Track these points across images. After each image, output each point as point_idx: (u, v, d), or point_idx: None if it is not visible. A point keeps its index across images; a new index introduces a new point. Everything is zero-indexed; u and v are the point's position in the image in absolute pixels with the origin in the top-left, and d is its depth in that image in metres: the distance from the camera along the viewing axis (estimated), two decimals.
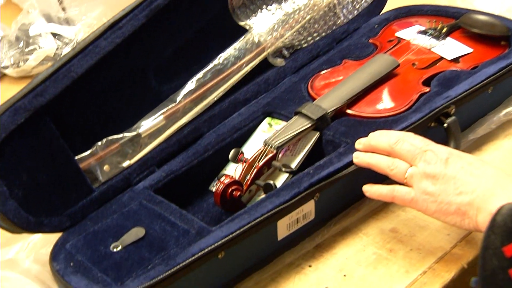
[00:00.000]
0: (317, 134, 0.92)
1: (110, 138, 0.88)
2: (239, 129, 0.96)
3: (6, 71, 1.38)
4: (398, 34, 1.12)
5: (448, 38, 1.08)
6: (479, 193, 0.70)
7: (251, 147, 0.96)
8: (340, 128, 0.92)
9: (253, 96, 1.02)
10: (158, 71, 0.94)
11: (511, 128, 1.00)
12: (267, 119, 0.99)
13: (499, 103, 1.02)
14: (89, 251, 0.75)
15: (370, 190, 0.81)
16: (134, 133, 0.89)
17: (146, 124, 0.91)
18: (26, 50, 1.37)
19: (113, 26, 0.87)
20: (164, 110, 0.93)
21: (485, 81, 0.96)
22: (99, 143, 0.87)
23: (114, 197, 0.85)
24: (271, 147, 0.88)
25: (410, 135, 0.80)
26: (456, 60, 1.03)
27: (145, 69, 0.93)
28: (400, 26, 1.15)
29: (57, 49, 1.38)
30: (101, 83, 0.88)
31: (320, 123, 0.92)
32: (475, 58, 1.04)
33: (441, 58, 1.04)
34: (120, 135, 0.89)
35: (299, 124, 0.91)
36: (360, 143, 0.84)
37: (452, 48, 1.06)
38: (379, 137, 0.81)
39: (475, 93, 0.95)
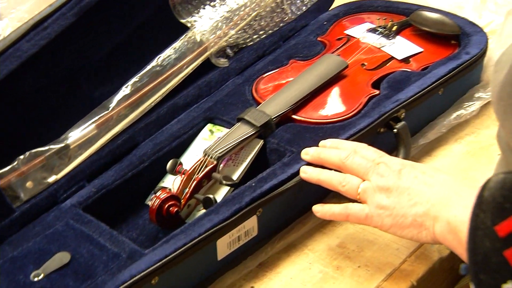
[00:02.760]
0: (261, 142, 0.87)
1: (34, 151, 0.80)
2: (178, 137, 0.90)
3: None
4: (347, 32, 1.07)
5: (398, 37, 1.04)
6: (434, 202, 0.67)
7: (191, 157, 0.89)
8: (285, 136, 0.87)
9: (194, 101, 0.95)
10: (89, 75, 0.87)
11: (461, 131, 0.96)
12: (209, 126, 0.93)
13: (450, 105, 0.98)
14: (6, 281, 0.68)
15: (322, 210, 0.76)
16: (62, 144, 0.82)
17: (75, 134, 0.84)
18: None
19: (37, 26, 0.80)
20: (96, 118, 0.86)
21: (435, 83, 0.92)
22: (21, 156, 0.79)
23: (38, 216, 0.78)
24: (211, 157, 0.83)
25: (362, 146, 0.76)
26: (406, 60, 0.99)
27: (75, 73, 0.86)
28: (350, 23, 1.10)
29: None
30: (23, 90, 0.81)
31: (264, 130, 0.87)
32: (425, 58, 1.00)
33: (392, 58, 0.99)
34: (46, 147, 0.82)
35: (241, 132, 0.86)
36: (307, 154, 0.80)
37: (402, 48, 1.01)
38: (329, 152, 0.77)
39: (425, 96, 0.91)
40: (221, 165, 0.84)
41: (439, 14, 1.06)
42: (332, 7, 1.17)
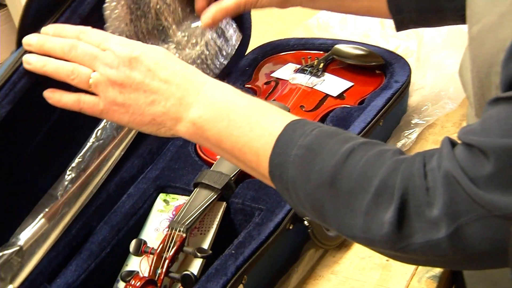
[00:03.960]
0: (224, 205, 0.83)
1: None
2: (134, 214, 0.84)
3: None
4: (274, 74, 1.07)
5: (326, 74, 1.05)
6: (173, 102, 0.63)
7: (151, 232, 0.84)
8: (249, 193, 0.84)
9: (140, 172, 0.90)
10: (28, 164, 0.79)
11: None
12: (161, 196, 0.88)
13: (388, 136, 1.00)
14: None
15: (53, 96, 0.67)
16: (14, 248, 0.73)
17: (26, 233, 0.75)
18: None
19: None
20: (45, 210, 0.78)
21: (377, 115, 0.94)
22: None
23: None
24: (179, 230, 0.77)
25: (87, 29, 0.67)
26: (341, 96, 1.00)
27: (13, 165, 0.77)
28: (273, 64, 1.10)
29: None
30: None
31: (225, 191, 0.83)
32: (358, 91, 1.01)
33: (327, 95, 1.00)
34: None
35: (203, 198, 0.81)
36: (30, 44, 0.68)
37: (333, 84, 1.02)
38: (52, 42, 0.67)
39: (371, 130, 0.92)
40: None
41: (360, 46, 1.08)
42: (248, 50, 1.16)
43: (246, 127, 0.61)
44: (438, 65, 1.08)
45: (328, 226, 0.57)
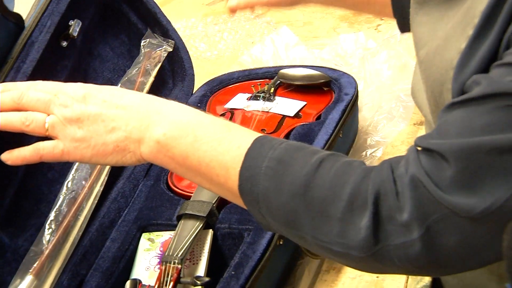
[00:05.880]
0: (211, 232, 0.83)
1: None
2: (122, 257, 0.83)
3: None
4: (227, 106, 1.09)
5: (278, 97, 1.08)
6: (134, 124, 0.62)
7: (142, 272, 0.82)
8: (233, 217, 0.84)
9: (117, 216, 0.88)
10: (4, 225, 0.76)
11: None
12: (145, 235, 0.86)
13: (349, 148, 1.04)
14: None
15: (11, 157, 0.65)
16: None
17: None
18: None
19: None
20: (32, 267, 0.75)
21: (337, 127, 0.97)
22: None
23: None
24: (174, 263, 0.77)
25: (37, 82, 0.66)
26: (298, 115, 1.03)
27: None
28: (224, 98, 1.12)
29: None
30: None
31: (210, 218, 0.83)
32: (312, 108, 1.05)
33: (284, 116, 1.03)
34: None
35: (190, 227, 0.81)
36: None
37: (287, 105, 1.06)
38: (0, 95, 0.66)
39: (334, 141, 0.95)
40: None
41: (302, 68, 1.12)
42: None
43: (213, 142, 0.60)
44: (382, 86, 1.15)
45: (301, 235, 0.56)
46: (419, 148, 0.52)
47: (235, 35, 1.50)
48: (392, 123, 1.09)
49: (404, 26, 0.93)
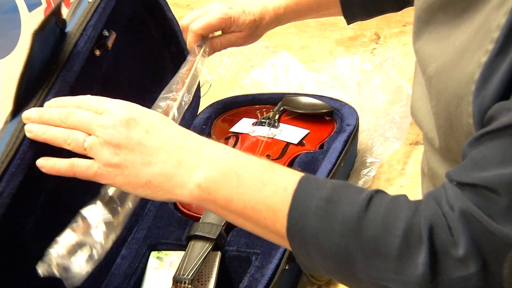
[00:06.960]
0: (219, 254, 0.86)
1: None
2: (132, 274, 0.85)
3: None
4: (232, 129, 1.12)
5: (281, 124, 1.12)
6: (172, 163, 0.62)
7: None
8: (241, 240, 0.87)
9: (128, 233, 0.90)
10: (34, 230, 0.78)
11: None
12: (154, 254, 0.89)
13: (348, 176, 1.08)
14: None
15: (46, 164, 0.67)
16: None
17: None
18: None
19: None
20: None
21: (340, 157, 1.01)
22: None
23: None
24: (184, 283, 0.79)
25: (86, 98, 0.68)
26: (301, 143, 1.07)
27: (19, 234, 0.76)
28: (228, 121, 1.15)
29: None
30: None
31: (219, 241, 0.86)
32: (315, 137, 1.09)
33: (288, 143, 1.06)
34: None
35: (200, 248, 0.84)
36: (29, 118, 0.69)
37: (291, 133, 1.09)
38: (51, 113, 0.68)
39: (336, 171, 0.99)
40: None
41: (305, 97, 1.16)
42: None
43: (259, 185, 0.59)
44: (377, 111, 1.19)
45: (353, 273, 0.56)
46: (455, 182, 0.53)
47: (235, 59, 1.54)
48: (387, 144, 1.13)
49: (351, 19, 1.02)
